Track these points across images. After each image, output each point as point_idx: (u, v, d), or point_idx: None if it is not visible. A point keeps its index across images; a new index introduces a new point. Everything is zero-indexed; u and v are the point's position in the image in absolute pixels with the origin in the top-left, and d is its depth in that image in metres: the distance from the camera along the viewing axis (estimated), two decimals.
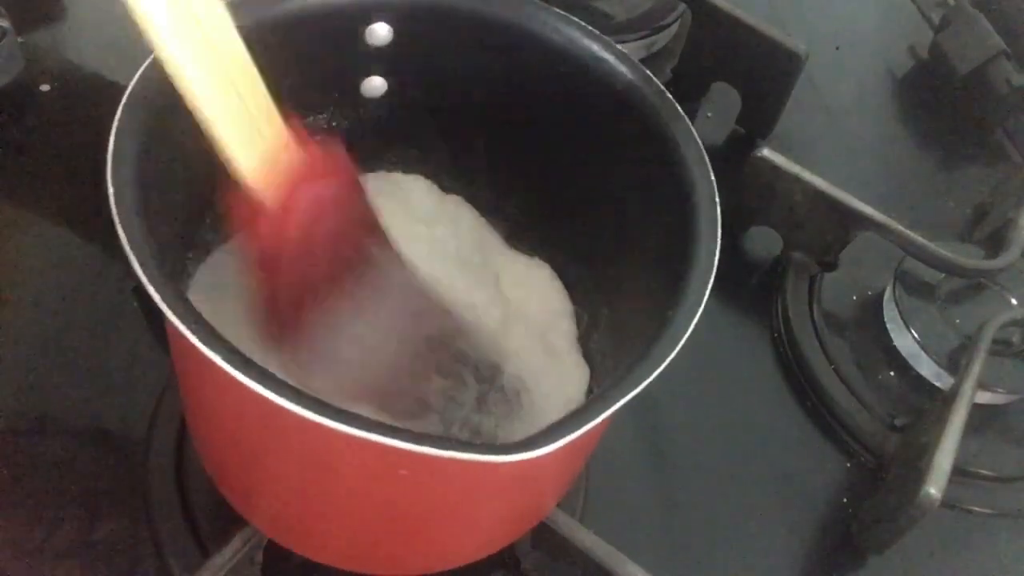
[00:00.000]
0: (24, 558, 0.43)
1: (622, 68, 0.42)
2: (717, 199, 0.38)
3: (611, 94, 0.42)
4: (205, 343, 0.29)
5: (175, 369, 0.41)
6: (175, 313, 0.29)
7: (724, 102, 0.72)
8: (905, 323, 0.59)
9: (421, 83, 0.46)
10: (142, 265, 0.30)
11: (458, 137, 0.48)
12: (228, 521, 0.43)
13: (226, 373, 0.29)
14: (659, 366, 0.33)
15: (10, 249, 0.54)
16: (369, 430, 0.29)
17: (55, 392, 0.49)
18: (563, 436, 0.31)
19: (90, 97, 0.62)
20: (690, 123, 0.40)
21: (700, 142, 0.40)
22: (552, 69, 0.43)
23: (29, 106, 0.61)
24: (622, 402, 0.32)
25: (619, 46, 0.42)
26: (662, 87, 0.41)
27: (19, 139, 0.59)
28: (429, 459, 0.29)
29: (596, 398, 0.33)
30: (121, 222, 0.31)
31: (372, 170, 0.49)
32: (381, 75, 0.46)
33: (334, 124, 0.47)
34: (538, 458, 0.30)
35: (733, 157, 0.68)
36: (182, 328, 0.29)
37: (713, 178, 0.39)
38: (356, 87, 0.46)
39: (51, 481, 0.46)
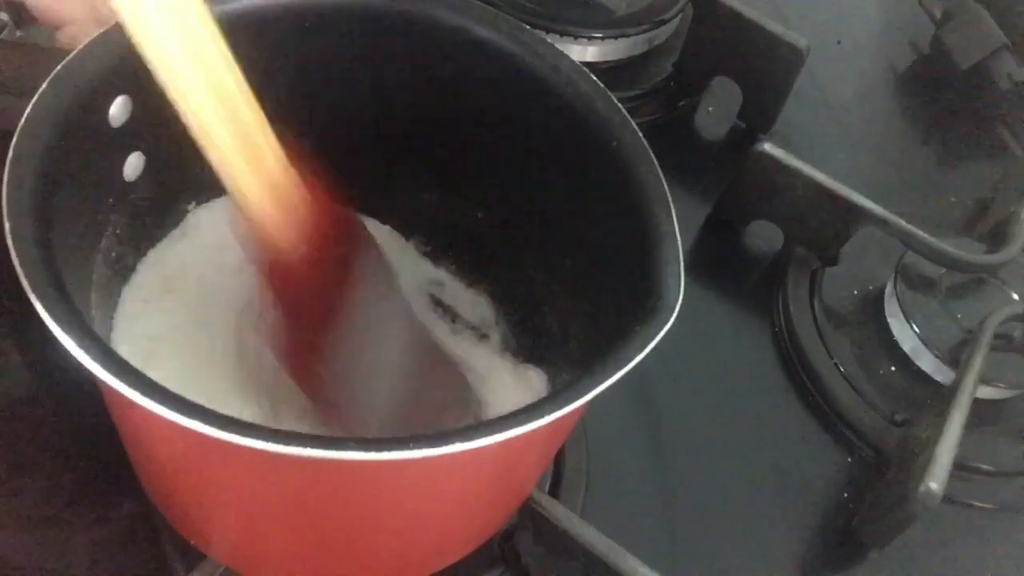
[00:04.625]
0: (23, 559, 0.44)
1: (579, 83, 0.40)
2: (673, 212, 0.37)
3: (566, 111, 0.41)
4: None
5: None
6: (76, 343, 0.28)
7: (725, 96, 0.71)
8: (906, 318, 0.59)
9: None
10: (43, 302, 0.29)
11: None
12: None
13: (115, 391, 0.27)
14: (572, 402, 0.30)
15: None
16: (242, 434, 0.27)
17: (55, 387, 0.49)
18: (439, 445, 0.28)
19: None
20: (642, 137, 0.39)
21: (652, 156, 0.38)
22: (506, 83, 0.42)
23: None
24: (507, 434, 0.29)
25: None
26: (614, 99, 0.40)
27: None
28: (311, 463, 0.27)
29: (491, 421, 0.30)
30: (20, 258, 0.29)
31: None
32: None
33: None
34: (422, 466, 0.28)
35: (734, 152, 0.69)
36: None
37: (665, 184, 0.37)
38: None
39: (51, 479, 0.46)
